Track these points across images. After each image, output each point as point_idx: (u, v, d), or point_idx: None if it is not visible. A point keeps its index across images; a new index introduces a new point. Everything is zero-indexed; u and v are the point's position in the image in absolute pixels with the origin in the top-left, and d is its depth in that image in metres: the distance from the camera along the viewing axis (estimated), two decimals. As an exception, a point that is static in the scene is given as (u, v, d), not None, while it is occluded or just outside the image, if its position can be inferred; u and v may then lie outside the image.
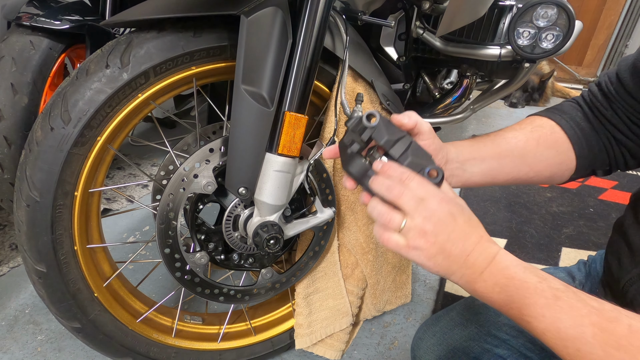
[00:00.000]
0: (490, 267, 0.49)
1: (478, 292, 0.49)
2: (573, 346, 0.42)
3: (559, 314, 0.43)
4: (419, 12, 1.10)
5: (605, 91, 0.67)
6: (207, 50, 0.76)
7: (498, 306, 0.48)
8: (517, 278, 0.47)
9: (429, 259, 0.50)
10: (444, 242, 0.50)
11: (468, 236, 0.50)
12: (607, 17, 3.44)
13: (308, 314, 1.03)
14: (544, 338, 0.45)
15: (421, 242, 0.50)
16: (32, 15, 1.22)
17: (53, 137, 0.71)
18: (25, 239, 0.76)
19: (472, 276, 0.49)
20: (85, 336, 0.86)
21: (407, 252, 0.51)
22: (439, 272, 0.51)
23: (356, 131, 0.56)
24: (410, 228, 0.50)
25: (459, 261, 0.50)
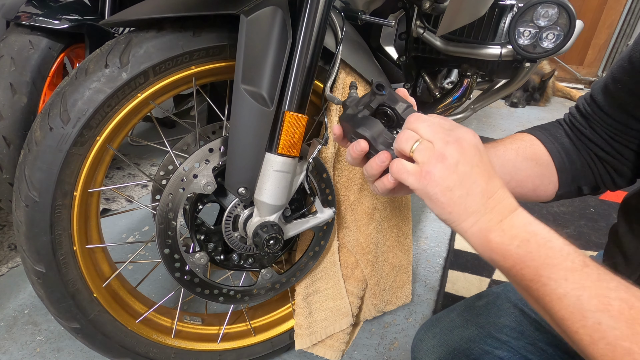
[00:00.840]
0: (512, 217, 0.44)
1: (492, 242, 0.44)
2: (593, 318, 0.37)
3: (585, 280, 0.39)
4: (419, 11, 1.10)
5: (582, 112, 0.68)
6: (206, 49, 0.76)
7: (510, 262, 0.43)
8: (541, 235, 0.43)
9: (444, 192, 0.45)
10: (465, 174, 0.44)
11: (492, 177, 0.45)
12: (608, 17, 3.44)
13: (308, 314, 1.03)
14: (558, 304, 0.40)
15: (438, 167, 0.44)
16: (31, 15, 1.21)
17: (52, 137, 0.71)
18: (24, 239, 0.75)
19: (489, 223, 0.44)
20: (84, 337, 0.85)
21: (417, 181, 0.46)
22: (451, 213, 0.45)
23: (360, 103, 0.57)
24: (427, 148, 0.45)
25: (478, 202, 0.44)
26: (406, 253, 1.17)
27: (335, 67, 0.80)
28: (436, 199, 0.45)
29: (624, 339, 0.36)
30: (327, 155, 0.92)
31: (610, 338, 0.36)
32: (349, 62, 0.86)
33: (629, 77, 0.60)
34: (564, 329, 0.40)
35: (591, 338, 0.37)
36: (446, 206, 0.45)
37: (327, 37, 0.81)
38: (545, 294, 0.41)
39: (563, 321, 0.39)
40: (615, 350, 0.36)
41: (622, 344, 0.36)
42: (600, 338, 0.37)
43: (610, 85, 0.63)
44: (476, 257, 1.50)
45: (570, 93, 3.45)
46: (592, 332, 0.37)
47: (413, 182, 0.47)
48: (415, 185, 0.47)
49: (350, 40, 0.88)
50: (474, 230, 0.45)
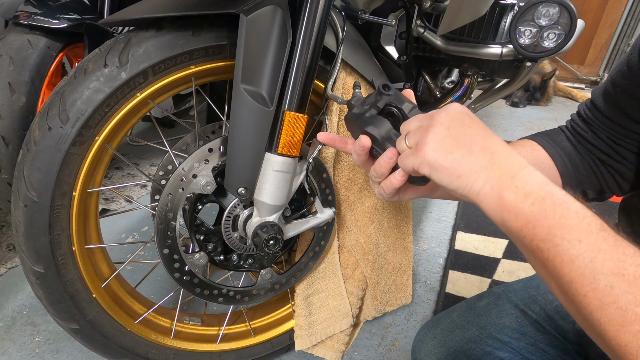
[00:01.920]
0: (524, 174, 0.43)
1: (505, 200, 0.42)
2: (606, 281, 0.36)
3: (601, 243, 0.37)
4: (419, 10, 1.10)
5: (584, 117, 0.68)
6: (206, 49, 0.75)
7: (523, 221, 0.41)
8: (557, 195, 0.41)
9: (445, 155, 0.44)
10: (459, 134, 0.44)
11: (490, 135, 0.45)
12: (610, 16, 3.43)
13: (308, 315, 1.02)
14: (569, 266, 0.38)
15: (430, 136, 0.44)
16: (30, 14, 1.21)
17: (51, 136, 0.70)
18: (23, 240, 0.75)
19: (501, 179, 0.43)
20: (83, 337, 0.85)
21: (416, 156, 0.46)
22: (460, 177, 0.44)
23: (366, 103, 0.58)
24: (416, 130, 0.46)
25: (483, 158, 0.44)
26: (406, 253, 1.17)
27: (336, 67, 0.80)
28: (439, 165, 0.45)
29: (637, 303, 0.34)
30: (327, 155, 0.92)
31: (622, 302, 0.35)
32: (349, 61, 0.86)
33: (628, 81, 0.60)
34: (571, 293, 0.38)
35: (600, 302, 0.36)
36: (452, 170, 0.44)
37: (327, 36, 0.81)
38: (556, 254, 0.39)
39: (571, 284, 0.38)
40: (625, 314, 0.34)
41: (634, 309, 0.34)
42: (611, 302, 0.35)
43: (610, 90, 0.64)
44: (477, 257, 1.50)
45: (571, 93, 3.45)
46: (603, 295, 0.36)
47: (413, 160, 0.47)
48: (416, 161, 0.46)
49: (350, 40, 0.88)
50: (487, 189, 0.44)
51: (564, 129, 0.72)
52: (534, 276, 0.81)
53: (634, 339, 0.34)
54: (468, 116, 0.47)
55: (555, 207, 0.40)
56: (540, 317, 0.73)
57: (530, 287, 0.78)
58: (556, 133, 0.72)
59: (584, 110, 0.69)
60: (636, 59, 0.58)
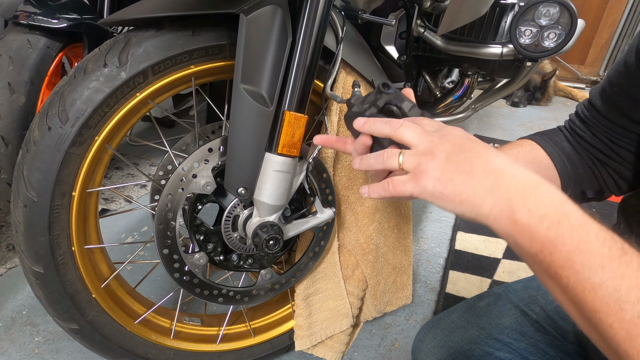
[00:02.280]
0: (537, 194, 0.40)
1: (518, 224, 0.40)
2: (633, 311, 0.34)
3: (625, 269, 0.35)
4: (419, 10, 1.10)
5: (582, 117, 0.68)
6: (206, 49, 0.75)
7: (538, 246, 0.39)
8: (574, 217, 0.38)
9: (445, 183, 0.42)
10: (459, 161, 0.42)
11: (493, 156, 0.42)
12: (610, 16, 3.43)
13: (308, 315, 1.02)
14: (592, 294, 0.36)
15: (430, 164, 0.43)
16: (30, 14, 1.21)
17: (50, 136, 0.70)
18: (22, 240, 0.75)
19: (511, 202, 0.40)
20: (83, 338, 0.85)
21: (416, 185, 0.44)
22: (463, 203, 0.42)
23: (365, 102, 0.58)
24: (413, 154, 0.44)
25: (487, 181, 0.41)
26: (407, 253, 1.17)
27: (336, 67, 0.79)
28: (440, 193, 0.43)
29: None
30: (327, 155, 0.92)
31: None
32: (349, 61, 0.86)
33: (625, 80, 0.60)
34: (595, 322, 0.36)
35: (628, 333, 0.34)
36: (454, 197, 0.43)
37: (327, 36, 0.80)
38: (577, 282, 0.37)
39: (595, 313, 0.36)
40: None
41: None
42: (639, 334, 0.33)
43: (607, 90, 0.64)
44: (477, 257, 1.49)
45: (571, 92, 3.44)
46: (630, 326, 0.34)
47: (412, 188, 0.45)
48: (415, 190, 0.45)
49: (350, 40, 0.87)
50: (496, 213, 0.41)
51: (563, 129, 0.72)
52: (534, 276, 0.80)
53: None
54: (468, 140, 0.45)
55: (573, 231, 0.38)
56: (541, 317, 0.73)
57: (530, 288, 0.78)
58: (555, 133, 0.71)
59: (582, 111, 0.69)
60: (633, 58, 0.58)
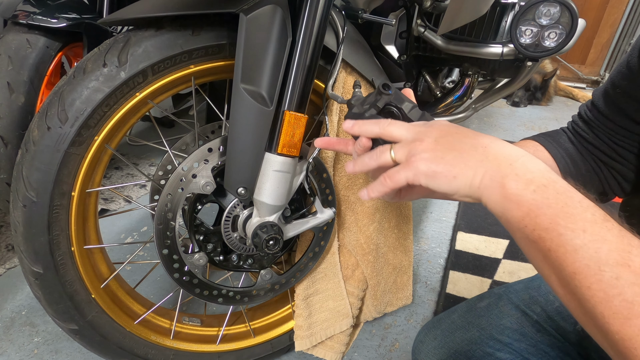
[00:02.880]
0: (523, 161, 0.42)
1: (506, 188, 0.41)
2: (612, 272, 0.34)
3: (605, 233, 0.36)
4: (420, 10, 1.09)
5: (585, 118, 0.68)
6: (205, 48, 0.75)
7: (525, 209, 0.40)
8: (559, 184, 0.40)
9: (437, 161, 0.44)
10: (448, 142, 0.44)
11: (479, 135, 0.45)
12: (611, 15, 3.43)
13: (308, 315, 1.02)
14: (573, 256, 0.37)
15: (419, 149, 0.45)
16: (29, 13, 1.20)
17: (50, 136, 0.70)
18: (21, 240, 0.75)
19: (500, 168, 0.42)
20: (82, 338, 0.85)
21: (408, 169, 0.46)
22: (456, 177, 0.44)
23: (366, 103, 0.58)
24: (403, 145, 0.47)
25: (476, 153, 0.43)
26: (407, 254, 1.16)
27: (336, 67, 0.79)
28: (433, 172, 0.44)
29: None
30: (327, 155, 0.91)
31: (628, 294, 0.33)
32: (349, 61, 0.86)
33: (627, 82, 0.60)
34: (574, 285, 0.37)
35: (605, 294, 0.34)
36: (447, 173, 0.44)
37: (327, 36, 0.80)
38: (559, 244, 0.38)
39: (574, 275, 0.36)
40: (632, 307, 0.33)
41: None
42: (617, 294, 0.34)
43: (610, 91, 0.64)
44: (477, 257, 1.49)
45: (572, 92, 3.44)
46: (608, 287, 0.34)
47: (406, 173, 0.46)
48: (409, 174, 0.46)
49: (350, 39, 0.87)
50: (486, 181, 0.42)
51: (566, 130, 0.72)
52: (535, 277, 0.80)
53: (639, 332, 0.32)
54: (453, 126, 0.48)
55: (558, 195, 0.39)
56: (541, 318, 0.73)
57: (531, 288, 0.78)
58: (558, 134, 0.71)
59: (585, 112, 0.69)
60: (636, 59, 0.58)
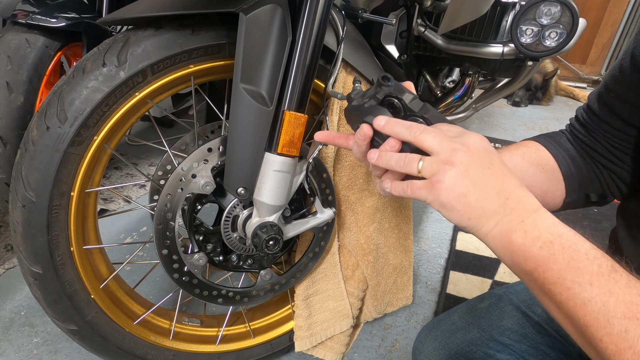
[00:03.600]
0: (534, 217, 0.43)
1: (514, 244, 0.43)
2: (620, 325, 0.35)
3: (612, 286, 0.37)
4: (420, 9, 1.09)
5: (582, 121, 0.69)
6: (205, 48, 0.75)
7: (532, 265, 0.41)
8: (566, 237, 0.41)
9: (459, 198, 0.44)
10: (477, 177, 0.43)
11: (507, 177, 0.44)
12: (612, 15, 3.42)
13: (308, 316, 1.02)
14: (582, 310, 0.38)
15: (448, 175, 0.44)
16: (28, 13, 1.20)
17: (49, 136, 0.70)
18: (20, 240, 0.75)
19: (511, 224, 0.43)
20: (81, 338, 0.84)
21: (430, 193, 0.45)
22: (470, 219, 0.44)
23: (366, 96, 0.57)
24: (433, 161, 0.45)
25: (496, 203, 0.43)
26: (407, 254, 1.16)
27: (337, 66, 0.79)
28: (451, 206, 0.44)
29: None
30: (327, 154, 0.91)
31: (638, 347, 0.34)
32: (349, 60, 0.85)
33: (620, 85, 0.61)
34: (588, 337, 0.38)
35: (617, 347, 0.35)
36: (463, 212, 0.44)
37: (327, 35, 0.80)
38: (568, 298, 0.39)
39: (586, 328, 0.38)
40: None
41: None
42: (627, 347, 0.35)
43: (604, 94, 0.64)
44: (478, 258, 1.49)
45: (573, 92, 3.43)
46: (618, 340, 0.35)
47: (426, 195, 0.46)
48: (429, 197, 0.46)
49: (351, 39, 0.87)
50: (495, 233, 0.44)
51: (565, 132, 0.72)
52: (535, 277, 0.80)
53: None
54: (488, 154, 0.46)
55: (564, 250, 0.40)
56: (542, 319, 0.73)
57: (532, 289, 0.78)
58: (558, 135, 0.71)
59: (582, 115, 0.69)
60: (628, 63, 0.58)
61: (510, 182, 0.45)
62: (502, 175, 0.45)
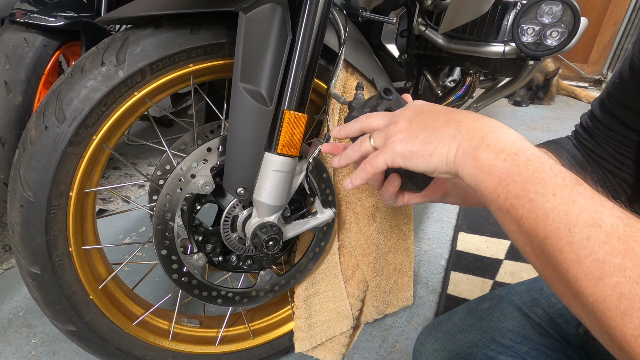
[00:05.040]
0: (495, 132, 0.42)
1: (478, 161, 0.42)
2: (582, 233, 0.34)
3: (576, 196, 0.36)
4: (421, 8, 1.09)
5: (585, 127, 0.69)
6: (204, 47, 0.75)
7: (496, 179, 0.40)
8: (531, 151, 0.40)
9: (412, 141, 0.46)
10: (421, 121, 0.46)
11: (452, 111, 0.46)
12: (613, 14, 3.42)
13: (308, 316, 1.01)
14: (544, 221, 0.36)
15: (394, 131, 0.47)
16: (26, 12, 1.20)
17: (47, 136, 0.70)
18: (19, 240, 0.74)
19: (472, 141, 0.42)
20: (80, 339, 0.84)
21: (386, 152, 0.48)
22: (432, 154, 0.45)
23: (366, 107, 0.58)
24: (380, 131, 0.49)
25: (449, 129, 0.44)
26: (408, 254, 1.16)
27: (339, 66, 0.79)
28: (409, 152, 0.46)
29: (615, 254, 0.32)
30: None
31: (599, 254, 0.32)
32: (350, 60, 0.85)
33: (621, 92, 0.61)
34: (547, 251, 0.36)
35: (577, 255, 0.34)
36: (422, 151, 0.45)
37: (327, 35, 0.80)
38: (530, 210, 0.37)
39: (546, 240, 0.36)
40: (603, 266, 0.32)
41: (612, 259, 0.31)
42: (588, 254, 0.33)
43: (606, 101, 0.64)
44: (479, 258, 1.49)
45: (574, 91, 3.43)
46: (579, 248, 0.33)
47: (384, 157, 0.48)
48: (387, 157, 0.48)
49: (351, 38, 0.87)
50: (459, 154, 0.43)
51: (571, 138, 0.72)
52: (537, 278, 0.80)
53: (612, 292, 0.31)
54: (427, 105, 0.49)
55: (528, 162, 0.39)
56: (543, 320, 0.72)
57: (533, 290, 0.77)
58: (565, 141, 0.71)
59: (585, 121, 0.69)
60: (627, 70, 0.59)
61: (457, 112, 0.46)
62: (446, 110, 0.47)
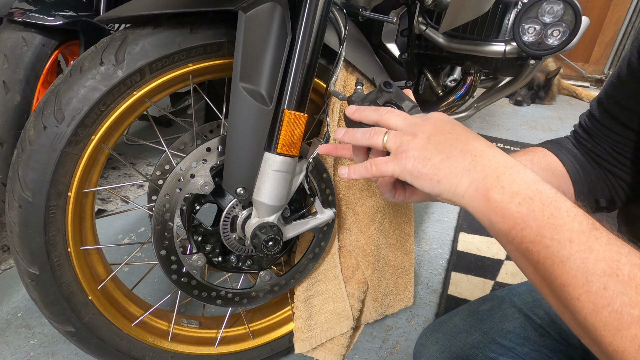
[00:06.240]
0: (511, 173, 0.41)
1: (491, 201, 0.41)
2: (599, 282, 0.33)
3: (593, 243, 0.35)
4: (421, 7, 1.08)
5: (584, 127, 0.69)
6: (204, 47, 0.74)
7: (511, 222, 0.39)
8: (546, 195, 0.39)
9: (423, 162, 0.44)
10: (439, 142, 0.44)
11: (471, 139, 0.44)
12: (615, 13, 3.41)
13: (308, 317, 1.01)
14: (560, 268, 0.36)
15: (411, 144, 0.45)
16: (25, 11, 1.19)
17: (46, 136, 0.69)
18: (17, 241, 0.74)
19: (486, 181, 0.41)
20: (79, 340, 0.84)
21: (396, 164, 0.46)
22: (440, 182, 0.44)
23: (366, 100, 0.58)
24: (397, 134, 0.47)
25: (464, 161, 0.43)
26: (408, 255, 1.15)
27: (339, 65, 0.78)
28: (418, 172, 0.45)
29: (632, 305, 0.31)
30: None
31: (617, 305, 0.32)
32: (350, 59, 0.85)
33: (619, 92, 0.61)
34: (564, 298, 0.36)
35: (594, 305, 0.33)
36: (432, 175, 0.44)
37: (328, 34, 0.79)
38: (546, 257, 0.37)
39: (563, 288, 0.36)
40: (621, 318, 0.32)
41: (630, 311, 0.31)
42: (605, 305, 0.33)
43: (604, 101, 0.64)
44: (480, 259, 1.48)
45: (576, 91, 3.42)
46: (596, 298, 0.33)
47: (393, 168, 0.47)
48: (396, 169, 0.47)
49: (351, 37, 0.86)
50: (471, 192, 0.42)
51: (571, 139, 0.72)
52: (538, 279, 0.79)
53: (630, 344, 0.31)
54: (449, 123, 0.47)
55: (544, 207, 0.38)
56: (545, 321, 0.72)
57: (534, 291, 0.77)
58: (565, 141, 0.71)
59: (584, 121, 0.69)
60: (625, 70, 0.59)
61: (476, 142, 0.44)
62: (466, 137, 0.45)
